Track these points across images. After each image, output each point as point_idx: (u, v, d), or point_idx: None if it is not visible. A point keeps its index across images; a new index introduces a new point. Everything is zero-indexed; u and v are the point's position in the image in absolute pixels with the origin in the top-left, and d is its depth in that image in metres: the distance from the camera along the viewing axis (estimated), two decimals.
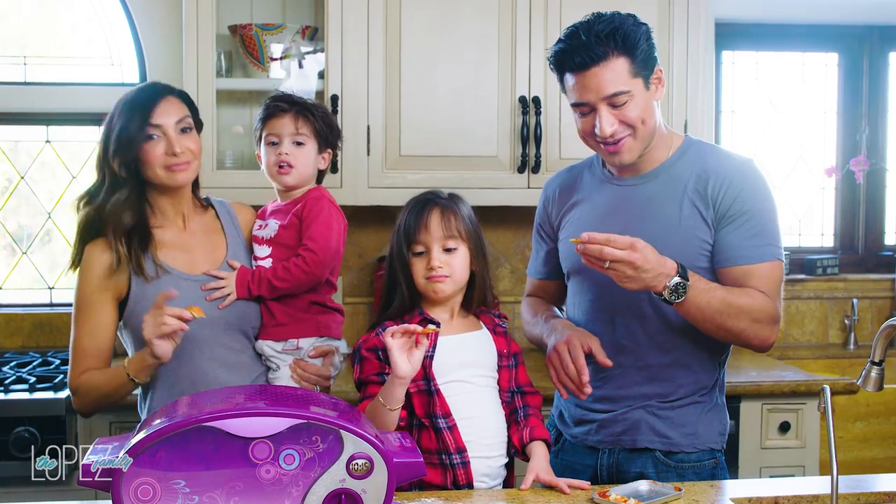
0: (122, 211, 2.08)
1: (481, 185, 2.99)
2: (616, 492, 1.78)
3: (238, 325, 2.16)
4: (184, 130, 2.11)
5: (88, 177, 3.34)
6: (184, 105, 2.14)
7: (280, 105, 2.23)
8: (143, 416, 2.15)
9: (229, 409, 1.52)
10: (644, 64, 1.95)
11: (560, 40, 1.97)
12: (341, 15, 2.92)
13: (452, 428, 1.91)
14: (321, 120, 2.25)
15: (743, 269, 1.96)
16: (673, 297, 1.86)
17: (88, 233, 2.11)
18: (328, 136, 2.26)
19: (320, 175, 2.31)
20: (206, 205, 2.27)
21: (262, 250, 2.23)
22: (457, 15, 2.98)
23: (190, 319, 1.95)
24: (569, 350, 1.96)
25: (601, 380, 2.05)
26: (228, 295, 2.14)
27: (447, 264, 1.95)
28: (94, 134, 3.34)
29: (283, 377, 2.20)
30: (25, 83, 3.30)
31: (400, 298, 1.98)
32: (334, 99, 2.90)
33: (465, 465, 1.92)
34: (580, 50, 1.91)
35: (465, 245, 1.97)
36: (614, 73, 1.91)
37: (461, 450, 1.91)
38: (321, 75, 3.01)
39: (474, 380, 1.96)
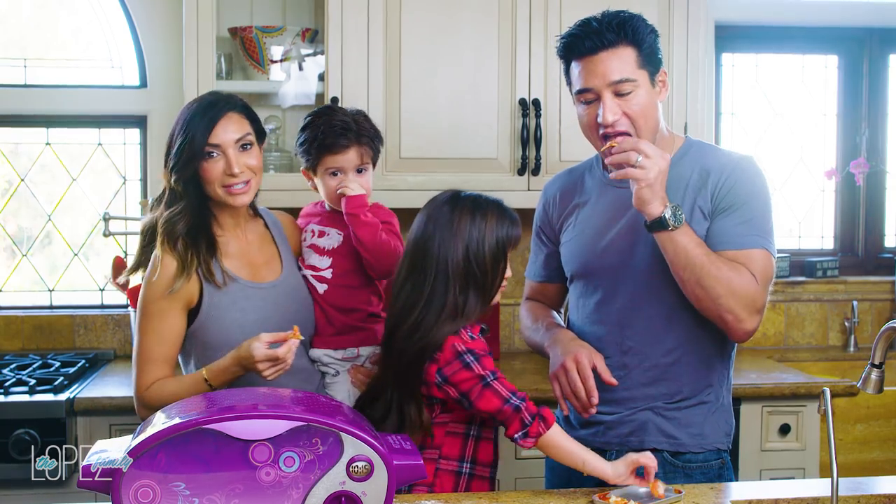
0: (174, 223, 2.07)
1: (481, 188, 2.93)
2: (616, 494, 1.78)
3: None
4: (244, 147, 2.08)
5: (88, 179, 3.35)
6: (245, 120, 2.11)
7: (341, 142, 2.16)
8: None
9: (229, 411, 1.53)
10: (650, 59, 1.97)
11: (570, 28, 1.99)
12: (341, 17, 2.92)
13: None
14: (374, 138, 2.22)
15: (731, 254, 1.94)
16: (671, 220, 1.86)
17: (147, 240, 2.11)
18: (379, 148, 2.26)
19: None
20: (256, 213, 2.27)
21: (323, 261, 2.23)
22: (457, 17, 2.98)
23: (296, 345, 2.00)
24: (578, 369, 1.97)
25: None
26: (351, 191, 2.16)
27: None
28: (94, 136, 3.35)
29: (342, 382, 2.23)
30: (26, 85, 3.30)
31: (479, 307, 1.94)
32: (334, 101, 2.90)
33: (494, 479, 2.00)
34: (591, 35, 1.94)
35: None
36: (622, 60, 1.93)
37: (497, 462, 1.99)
38: (321, 77, 3.01)
39: None
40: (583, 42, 1.95)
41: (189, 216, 2.09)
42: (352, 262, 2.22)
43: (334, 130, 2.16)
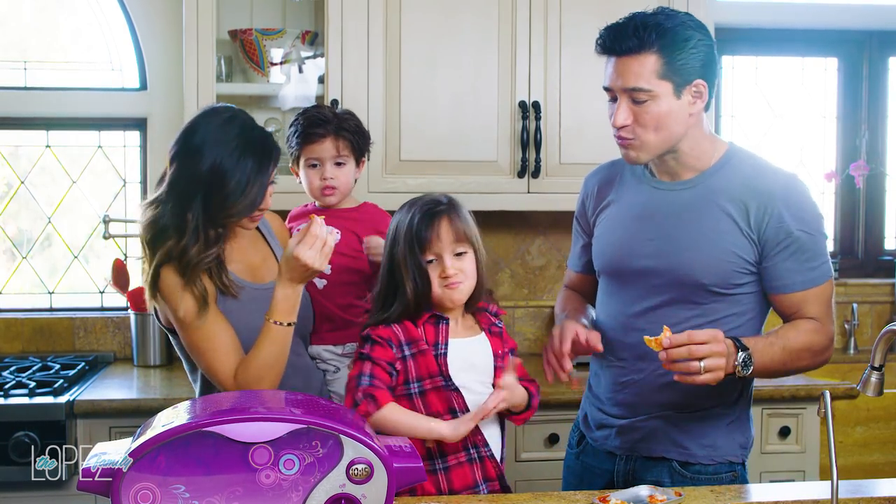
0: (208, 264, 2.02)
1: (481, 190, 2.99)
2: (616, 497, 1.78)
3: (299, 329, 2.14)
4: None
5: (88, 181, 3.35)
6: None
7: (318, 132, 2.27)
8: None
9: (229, 413, 1.53)
10: (680, 70, 1.89)
11: (606, 25, 1.95)
12: (341, 20, 2.92)
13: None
14: (355, 134, 2.30)
15: (800, 296, 1.95)
16: (745, 371, 1.86)
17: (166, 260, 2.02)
18: (363, 146, 2.33)
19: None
20: None
21: None
22: (457, 20, 2.98)
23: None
24: (561, 334, 1.99)
25: (621, 386, 2.04)
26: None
27: (460, 270, 1.94)
28: (94, 138, 3.34)
29: (343, 378, 2.26)
30: (26, 88, 3.30)
31: (403, 303, 1.93)
32: (334, 104, 2.89)
33: (493, 457, 1.96)
34: (614, 37, 1.91)
35: (472, 248, 1.97)
36: (642, 67, 1.88)
37: (486, 442, 1.95)
38: (321, 80, 3.01)
39: (473, 386, 1.97)
40: (605, 40, 1.93)
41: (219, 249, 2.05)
42: (349, 259, 2.26)
43: (312, 121, 2.29)
